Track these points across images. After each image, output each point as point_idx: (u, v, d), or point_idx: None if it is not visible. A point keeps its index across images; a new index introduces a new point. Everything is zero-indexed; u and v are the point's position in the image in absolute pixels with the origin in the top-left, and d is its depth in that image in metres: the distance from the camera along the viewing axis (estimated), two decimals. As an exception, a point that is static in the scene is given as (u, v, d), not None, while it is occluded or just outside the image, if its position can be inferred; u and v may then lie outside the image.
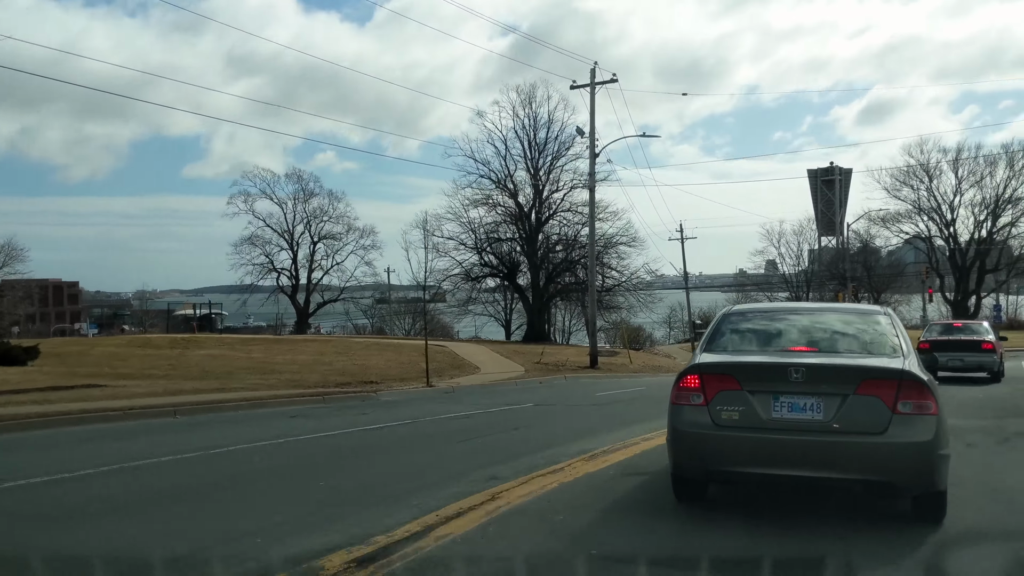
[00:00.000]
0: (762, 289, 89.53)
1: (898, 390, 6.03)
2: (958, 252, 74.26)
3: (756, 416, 6.19)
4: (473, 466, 8.80)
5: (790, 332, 7.35)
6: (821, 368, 6.32)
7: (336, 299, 74.86)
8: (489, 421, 13.90)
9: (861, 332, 7.25)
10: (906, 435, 5.94)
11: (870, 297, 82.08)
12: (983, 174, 72.53)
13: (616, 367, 36.35)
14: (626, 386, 23.77)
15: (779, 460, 6.13)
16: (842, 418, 6.04)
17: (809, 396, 6.14)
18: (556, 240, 61.21)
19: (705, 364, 6.68)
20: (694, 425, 6.38)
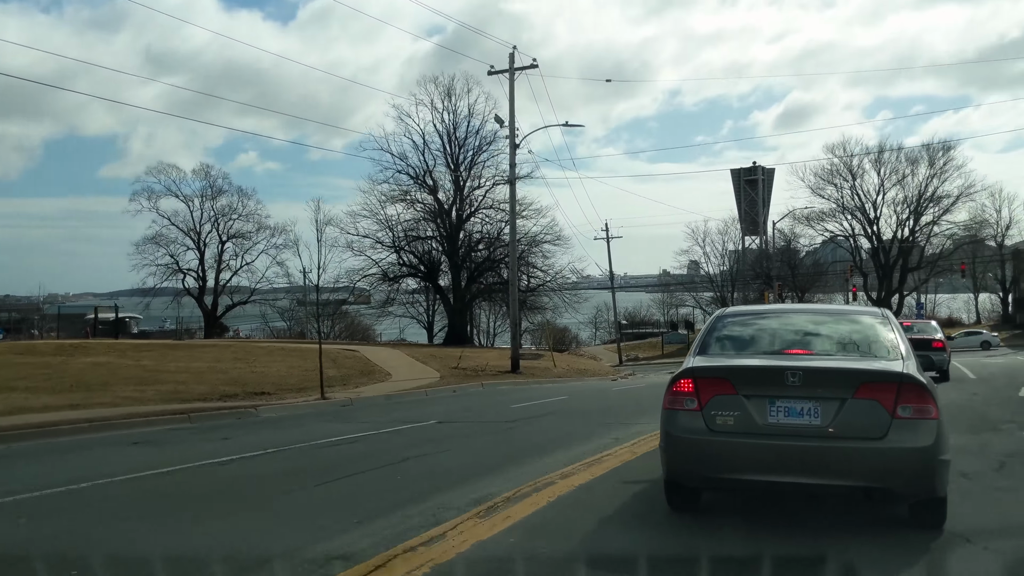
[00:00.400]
0: (687, 289, 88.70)
1: (898, 394, 5.85)
2: (881, 250, 74.41)
3: (752, 421, 6.02)
4: (307, 535, 6.05)
5: (785, 334, 7.12)
6: (818, 371, 6.15)
7: (246, 301, 70.85)
8: (373, 448, 11.21)
9: (857, 334, 7.02)
10: (906, 440, 5.76)
11: (794, 296, 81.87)
12: (905, 173, 72.88)
13: (539, 371, 34.00)
14: (547, 394, 21.38)
15: (776, 466, 5.98)
16: (840, 423, 5.87)
17: (806, 400, 5.97)
18: (478, 238, 58.73)
19: (699, 368, 6.42)
20: (688, 431, 6.17)
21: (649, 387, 25.40)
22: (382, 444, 11.50)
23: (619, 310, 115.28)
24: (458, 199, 58.01)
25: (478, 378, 29.61)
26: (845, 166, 73.55)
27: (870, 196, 73.85)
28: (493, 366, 34.05)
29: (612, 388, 24.56)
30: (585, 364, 42.08)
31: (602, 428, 12.68)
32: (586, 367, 39.39)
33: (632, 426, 12.80)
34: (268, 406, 18.52)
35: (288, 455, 10.65)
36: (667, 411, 6.44)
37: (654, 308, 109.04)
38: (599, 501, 7.22)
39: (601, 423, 13.53)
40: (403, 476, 8.82)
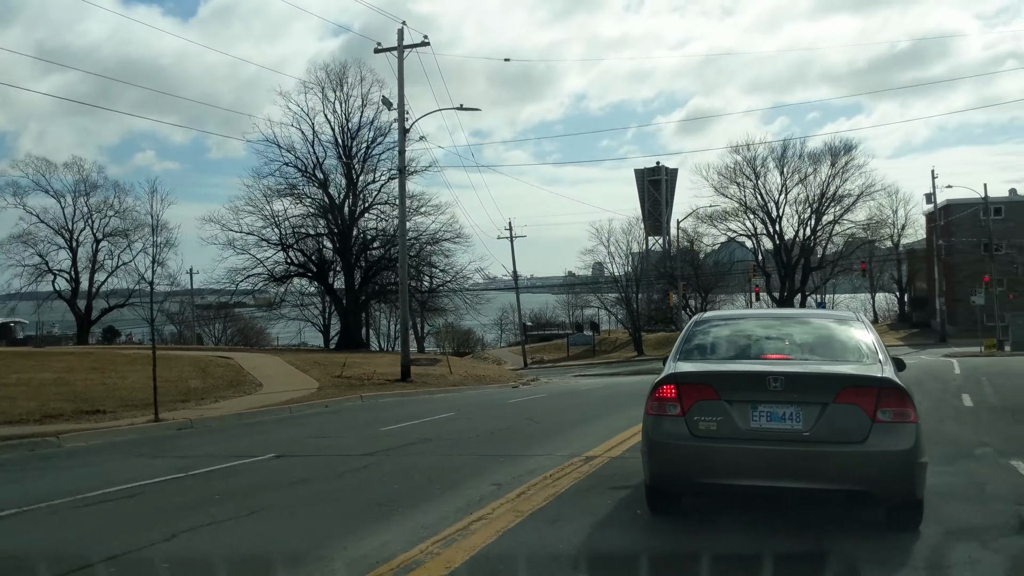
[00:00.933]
0: (591, 290, 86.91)
1: (878, 398, 5.89)
2: (783, 250, 74.00)
3: (734, 426, 6.02)
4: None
5: (764, 339, 7.20)
6: (800, 377, 6.19)
7: (123, 304, 65.37)
8: (132, 513, 7.80)
9: (836, 339, 7.12)
10: (886, 444, 5.80)
11: (698, 296, 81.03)
12: (807, 172, 72.64)
13: (432, 379, 30.87)
14: (432, 409, 18.32)
15: (758, 471, 5.98)
16: (822, 427, 5.89)
17: (788, 405, 5.98)
18: (373, 235, 55.09)
19: (682, 373, 6.44)
20: (671, 436, 6.18)
21: (551, 397, 22.68)
22: (167, 502, 8.18)
23: (525, 312, 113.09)
24: (351, 194, 54.31)
25: (361, 389, 26.31)
26: (748, 165, 72.94)
27: (773, 195, 73.45)
28: (381, 374, 30.75)
29: (509, 399, 21.68)
30: (485, 369, 39.12)
31: (483, 465, 9.72)
32: (485, 373, 36.46)
33: (524, 460, 9.90)
34: (79, 433, 14.87)
35: (13, 523, 7.28)
36: (650, 417, 6.40)
37: (560, 309, 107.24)
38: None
39: (484, 455, 10.55)
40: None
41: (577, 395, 23.41)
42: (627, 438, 11.76)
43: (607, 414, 15.73)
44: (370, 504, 7.52)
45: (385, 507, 7.34)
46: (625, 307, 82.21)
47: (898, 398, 5.94)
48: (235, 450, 12.03)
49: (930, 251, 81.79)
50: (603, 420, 14.53)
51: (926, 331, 74.36)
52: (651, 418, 6.39)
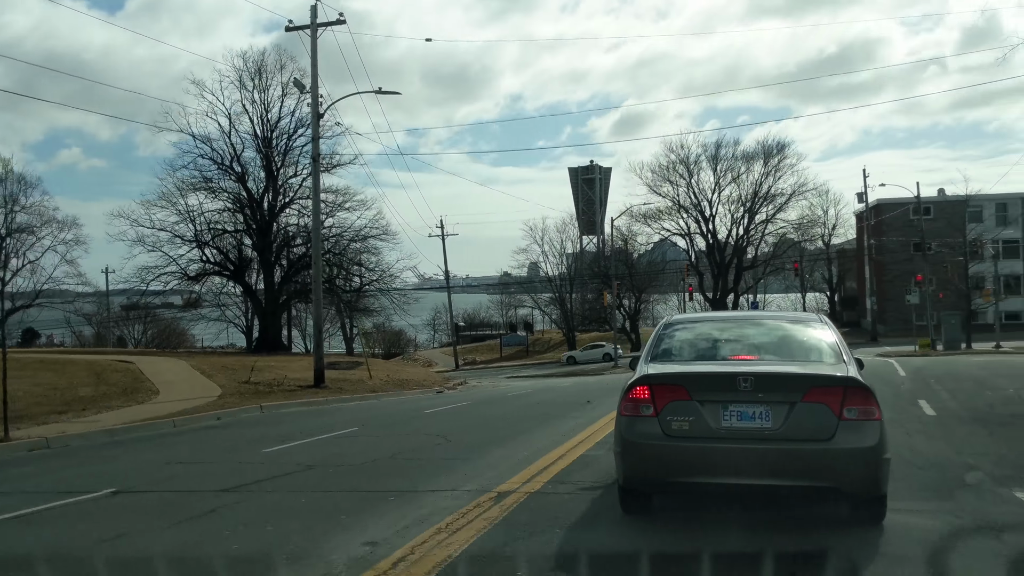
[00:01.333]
0: (526, 290, 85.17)
1: (844, 397, 6.04)
2: (717, 249, 73.28)
3: (706, 426, 6.14)
4: None
5: (732, 341, 7.41)
6: (769, 377, 6.33)
7: (29, 305, 61.26)
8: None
9: (801, 340, 7.32)
10: (852, 441, 5.95)
11: (632, 296, 79.92)
12: (740, 171, 72.04)
13: (349, 385, 28.56)
14: (335, 423, 16.10)
15: (730, 469, 6.09)
16: (790, 426, 6.02)
17: (758, 404, 6.11)
18: (294, 232, 52.34)
19: (655, 375, 6.56)
20: (645, 436, 6.27)
21: (474, 405, 20.64)
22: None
23: (459, 312, 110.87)
24: (271, 188, 51.45)
25: (268, 396, 23.91)
26: (682, 163, 71.99)
27: (706, 194, 72.67)
28: (294, 380, 28.33)
29: (427, 409, 19.53)
30: (410, 373, 36.82)
31: (365, 508, 7.62)
32: (410, 376, 34.19)
33: (420, 499, 7.85)
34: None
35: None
36: (624, 417, 6.46)
37: (494, 310, 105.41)
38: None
39: (372, 492, 8.45)
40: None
41: (502, 402, 21.41)
42: (552, 461, 9.81)
43: (532, 429, 13.78)
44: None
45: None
46: (559, 307, 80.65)
47: (863, 397, 6.11)
48: (70, 482, 9.72)
49: (860, 250, 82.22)
50: (526, 437, 12.55)
51: (856, 330, 74.49)
52: (625, 419, 6.46)
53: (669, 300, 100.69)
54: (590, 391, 23.99)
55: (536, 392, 26.35)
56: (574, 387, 28.33)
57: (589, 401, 18.59)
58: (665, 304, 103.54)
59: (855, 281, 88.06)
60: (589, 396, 21.17)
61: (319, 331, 28.11)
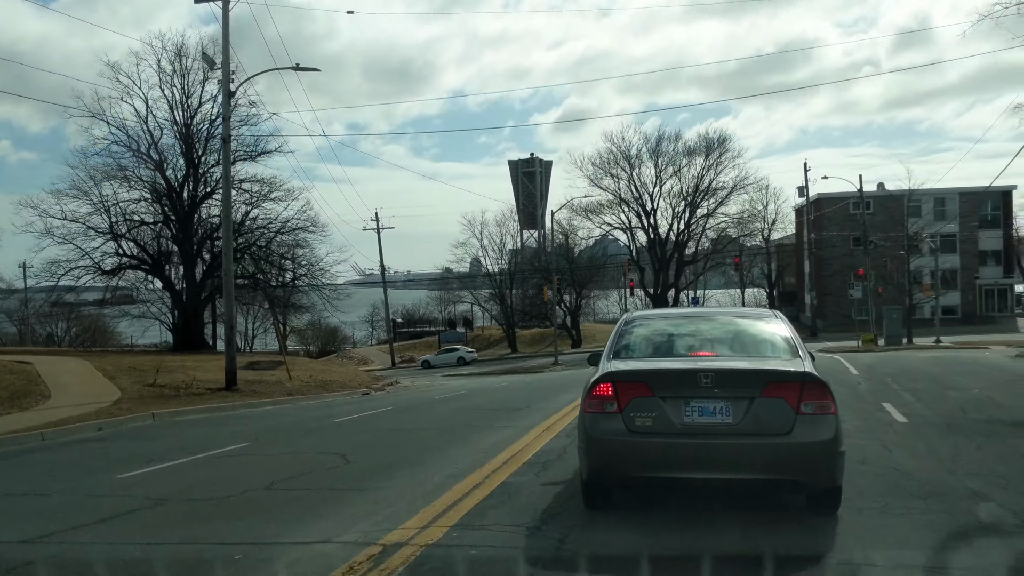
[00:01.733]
0: (466, 285, 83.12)
1: (801, 391, 6.16)
2: (658, 244, 72.20)
3: (669, 421, 6.23)
4: None
5: (692, 337, 7.48)
6: (729, 373, 6.43)
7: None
8: None
9: (759, 335, 7.39)
10: (810, 435, 6.07)
11: (573, 291, 78.52)
12: (682, 164, 71.06)
13: (265, 387, 26.25)
14: (229, 436, 13.90)
15: (692, 464, 6.20)
16: (750, 420, 6.14)
17: (718, 400, 6.22)
18: (217, 223, 49.36)
19: (618, 372, 6.61)
20: (609, 432, 6.33)
21: (394, 412, 18.57)
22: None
23: (398, 308, 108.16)
24: (192, 177, 48.50)
25: (169, 401, 21.55)
26: (623, 156, 70.70)
27: (647, 188, 71.53)
28: (203, 381, 25.91)
29: (340, 417, 17.39)
30: (337, 373, 34.47)
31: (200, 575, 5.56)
32: (334, 378, 31.89)
33: (283, 553, 5.87)
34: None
35: None
36: (587, 415, 6.54)
37: (434, 306, 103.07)
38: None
39: (222, 544, 6.39)
40: None
41: (427, 408, 19.37)
42: (467, 491, 7.90)
43: (452, 443, 11.83)
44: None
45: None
46: (499, 303, 78.80)
47: (819, 391, 6.21)
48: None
49: (799, 245, 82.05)
50: (442, 454, 10.61)
51: (795, 325, 73.72)
52: (589, 416, 6.52)
53: (610, 296, 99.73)
54: (523, 393, 22.17)
55: (468, 394, 24.40)
56: (509, 388, 26.47)
57: (528, 406, 16.76)
58: (606, 300, 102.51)
59: (794, 276, 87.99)
60: (521, 400, 19.34)
61: (231, 328, 25.71)
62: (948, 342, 48.21)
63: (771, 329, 7.43)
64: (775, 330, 7.40)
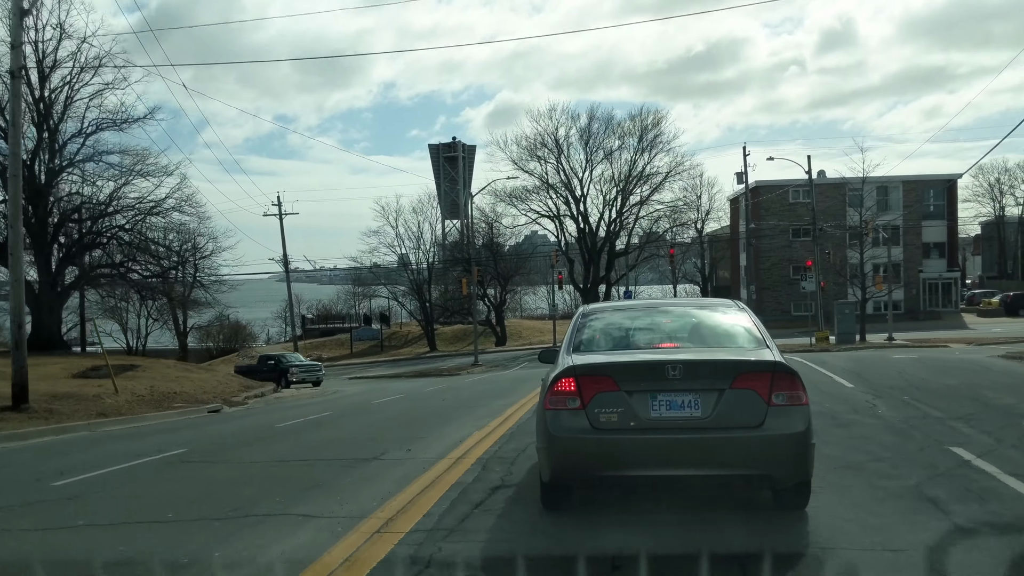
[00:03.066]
0: (379, 278, 76.56)
1: (772, 382, 5.96)
2: (588, 233, 66.86)
3: (636, 416, 5.99)
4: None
5: (654, 329, 7.28)
6: (698, 364, 6.18)
7: None
8: None
9: (724, 325, 7.17)
10: (782, 427, 5.88)
11: (498, 285, 72.76)
12: (613, 147, 65.83)
13: (73, 405, 19.70)
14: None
15: (660, 460, 5.99)
16: (720, 413, 5.93)
17: (687, 393, 6.00)
18: (77, 203, 42.14)
19: (581, 366, 6.28)
20: (572, 430, 6.05)
21: (171, 465, 12.28)
22: None
23: (313, 303, 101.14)
24: (46, 148, 41.16)
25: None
26: (551, 137, 65.12)
27: (576, 172, 66.09)
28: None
29: (56, 482, 10.98)
30: (193, 381, 27.82)
31: None
32: (185, 388, 25.31)
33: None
34: None
35: None
36: (548, 412, 6.21)
37: (354, 301, 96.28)
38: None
39: None
40: None
41: (298, 434, 13.44)
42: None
43: (294, 500, 5.99)
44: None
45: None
46: (416, 297, 72.53)
47: (790, 382, 6.01)
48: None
49: (735, 237, 77.93)
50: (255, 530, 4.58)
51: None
52: (550, 413, 6.20)
53: (538, 291, 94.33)
54: (408, 416, 16.25)
55: (357, 409, 18.42)
56: (398, 404, 20.50)
57: (409, 449, 10.78)
58: (534, 295, 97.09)
59: (728, 270, 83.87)
60: (396, 431, 13.38)
61: (18, 325, 19.00)
62: (901, 339, 44.13)
63: (733, 320, 7.16)
64: (737, 320, 7.11)
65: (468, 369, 46.52)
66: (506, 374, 36.58)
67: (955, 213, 68.24)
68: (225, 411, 21.61)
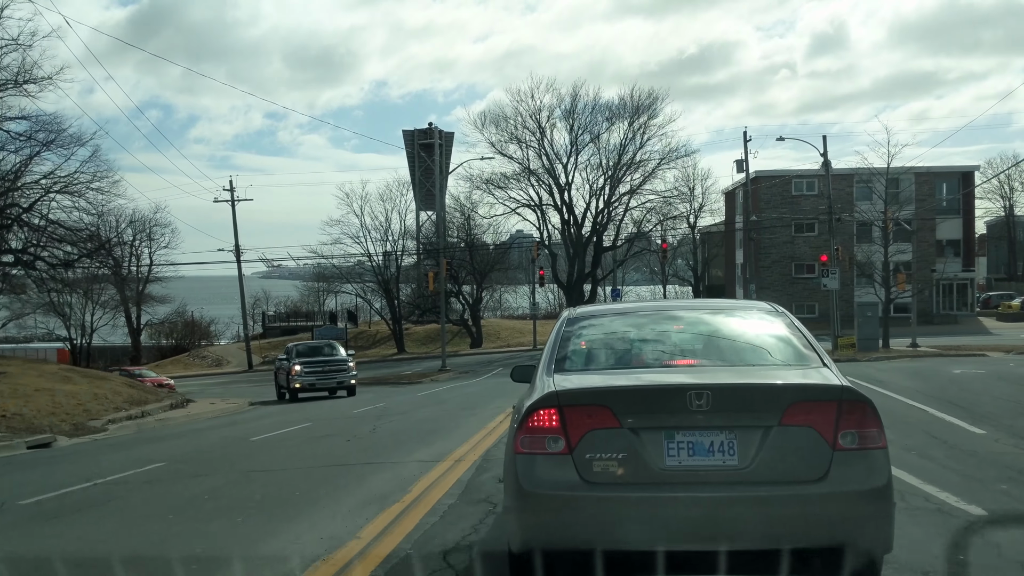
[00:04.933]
0: (343, 274, 70.39)
1: (838, 415, 4.31)
2: (573, 224, 60.91)
3: (644, 465, 4.33)
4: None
5: (665, 339, 5.54)
6: (734, 390, 4.53)
7: None
8: None
9: (759, 336, 5.42)
10: (854, 480, 4.24)
11: (473, 281, 66.83)
12: (601, 131, 59.91)
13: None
14: None
15: (680, 530, 4.26)
16: (765, 461, 4.29)
17: (718, 431, 4.34)
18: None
19: (566, 391, 4.59)
20: (554, 484, 4.36)
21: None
22: None
23: (281, 299, 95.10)
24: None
25: None
26: (532, 117, 59.15)
27: (561, 158, 60.13)
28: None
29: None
30: (51, 395, 21.44)
31: None
32: (29, 405, 19.03)
33: None
34: None
35: None
36: (521, 456, 4.50)
37: (318, 298, 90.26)
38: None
39: None
40: None
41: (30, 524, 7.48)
42: None
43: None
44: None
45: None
46: (383, 291, 66.42)
47: (863, 415, 4.38)
48: None
49: (729, 233, 72.35)
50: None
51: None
52: (523, 459, 4.50)
53: (519, 290, 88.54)
54: (308, 461, 10.34)
55: (161, 477, 12.32)
56: (307, 434, 14.50)
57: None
58: (515, 293, 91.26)
59: (721, 269, 78.26)
60: (245, 522, 7.47)
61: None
62: (925, 346, 38.66)
63: (770, 328, 5.37)
64: (775, 328, 5.33)
65: (433, 376, 40.58)
66: (472, 385, 30.59)
67: (972, 208, 62.83)
68: (60, 444, 15.46)
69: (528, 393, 4.92)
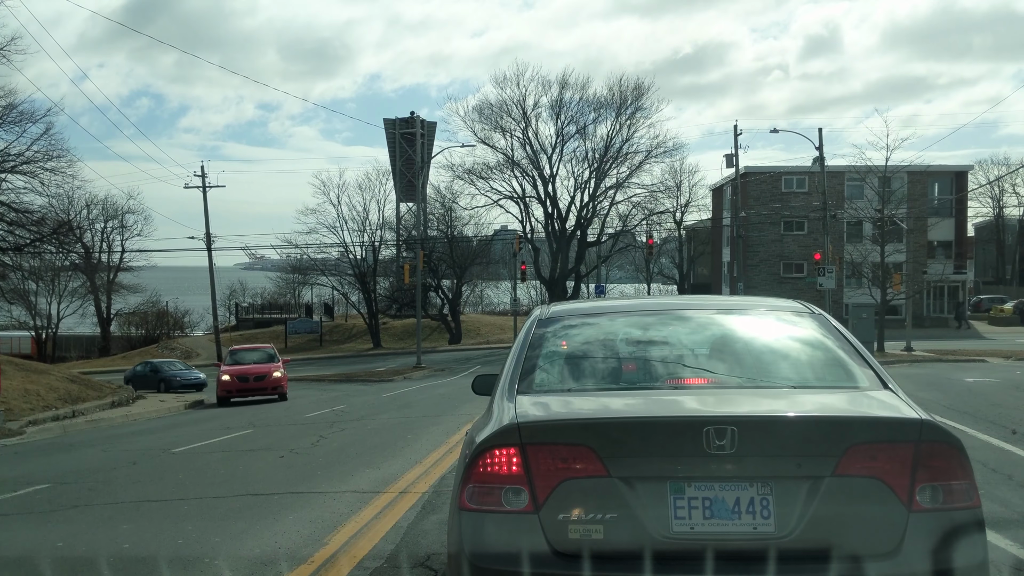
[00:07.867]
0: (319, 265, 68.20)
1: (915, 462, 3.05)
2: (557, 218, 59.00)
3: (642, 531, 3.08)
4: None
5: (668, 349, 4.04)
6: (770, 425, 3.19)
7: None
8: None
9: (791, 346, 4.03)
10: (939, 557, 2.96)
11: (453, 274, 64.81)
12: (587, 122, 58.02)
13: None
14: None
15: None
16: (815, 525, 3.02)
17: (747, 483, 3.09)
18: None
19: (531, 424, 3.25)
20: (512, 557, 3.06)
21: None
22: None
23: (258, 291, 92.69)
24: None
25: None
26: (517, 107, 57.18)
27: (546, 149, 58.20)
28: None
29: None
30: (37, 381, 19.41)
31: None
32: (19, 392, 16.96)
33: None
34: None
35: None
36: (467, 514, 3.19)
37: (293, 290, 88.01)
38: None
39: None
40: None
41: None
42: None
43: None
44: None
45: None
46: (359, 284, 64.30)
47: (948, 459, 3.08)
48: None
49: (716, 230, 70.66)
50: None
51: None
52: (470, 517, 3.18)
53: (501, 285, 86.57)
54: (232, 485, 8.37)
55: (35, 507, 10.29)
56: (243, 445, 12.48)
57: None
58: (497, 288, 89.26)
59: (707, 267, 76.58)
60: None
61: None
62: (920, 350, 37.08)
63: (805, 334, 4.00)
64: (814, 336, 3.95)
65: (406, 373, 38.59)
66: (445, 385, 28.62)
67: (964, 208, 61.37)
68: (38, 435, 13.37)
69: (482, 420, 3.61)
